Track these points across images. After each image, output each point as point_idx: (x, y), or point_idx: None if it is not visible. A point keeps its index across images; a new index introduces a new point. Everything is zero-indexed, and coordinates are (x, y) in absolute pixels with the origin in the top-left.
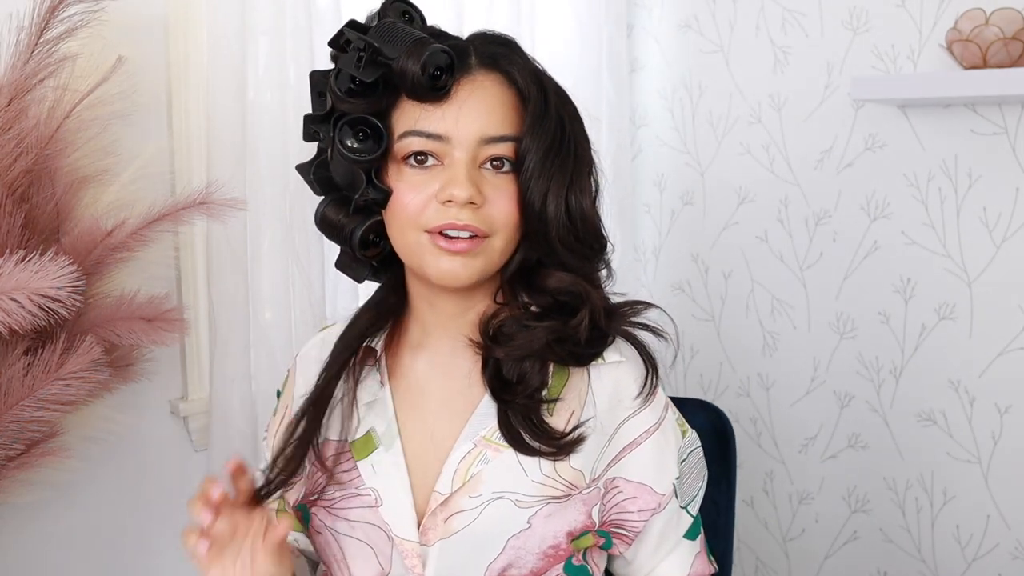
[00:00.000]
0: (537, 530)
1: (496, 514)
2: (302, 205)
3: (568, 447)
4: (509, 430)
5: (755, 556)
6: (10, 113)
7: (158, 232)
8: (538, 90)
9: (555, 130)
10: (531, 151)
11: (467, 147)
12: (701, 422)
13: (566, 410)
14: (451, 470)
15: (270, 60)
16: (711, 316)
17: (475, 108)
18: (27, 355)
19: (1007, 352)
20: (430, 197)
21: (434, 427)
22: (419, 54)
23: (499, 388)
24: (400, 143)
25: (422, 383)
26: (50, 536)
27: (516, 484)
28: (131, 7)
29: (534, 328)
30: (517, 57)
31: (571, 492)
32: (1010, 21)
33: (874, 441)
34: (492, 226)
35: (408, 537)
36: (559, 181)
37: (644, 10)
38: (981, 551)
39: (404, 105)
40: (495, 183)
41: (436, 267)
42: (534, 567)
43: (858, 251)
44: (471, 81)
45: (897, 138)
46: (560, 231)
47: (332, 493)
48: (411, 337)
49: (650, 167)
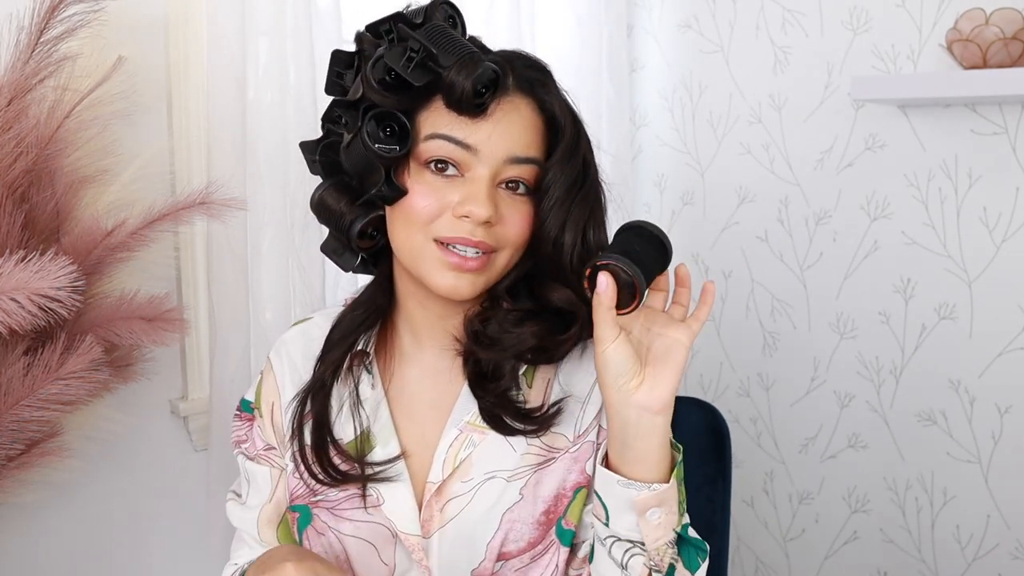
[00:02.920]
0: (528, 500)
1: (489, 493)
2: (302, 204)
3: (548, 421)
4: (490, 415)
5: (755, 556)
6: (10, 113)
7: (158, 232)
8: (572, 124)
9: (581, 164)
10: (557, 181)
11: (493, 164)
12: (697, 421)
13: (541, 381)
14: (441, 458)
15: (270, 60)
16: (711, 316)
17: (508, 127)
18: (27, 355)
19: (1007, 352)
20: (446, 206)
21: (424, 425)
22: (471, 69)
23: (475, 382)
24: (426, 145)
25: (413, 388)
26: (50, 536)
27: (505, 461)
28: (131, 7)
29: (516, 333)
30: (552, 85)
31: (554, 455)
32: (1010, 21)
33: (874, 441)
34: (500, 243)
35: (412, 531)
36: (579, 214)
37: (644, 10)
38: (981, 551)
39: (435, 107)
40: (510, 203)
41: (440, 279)
42: (531, 537)
43: (858, 251)
44: (508, 101)
45: (897, 138)
46: (573, 259)
47: (336, 494)
48: (402, 344)
49: (650, 167)
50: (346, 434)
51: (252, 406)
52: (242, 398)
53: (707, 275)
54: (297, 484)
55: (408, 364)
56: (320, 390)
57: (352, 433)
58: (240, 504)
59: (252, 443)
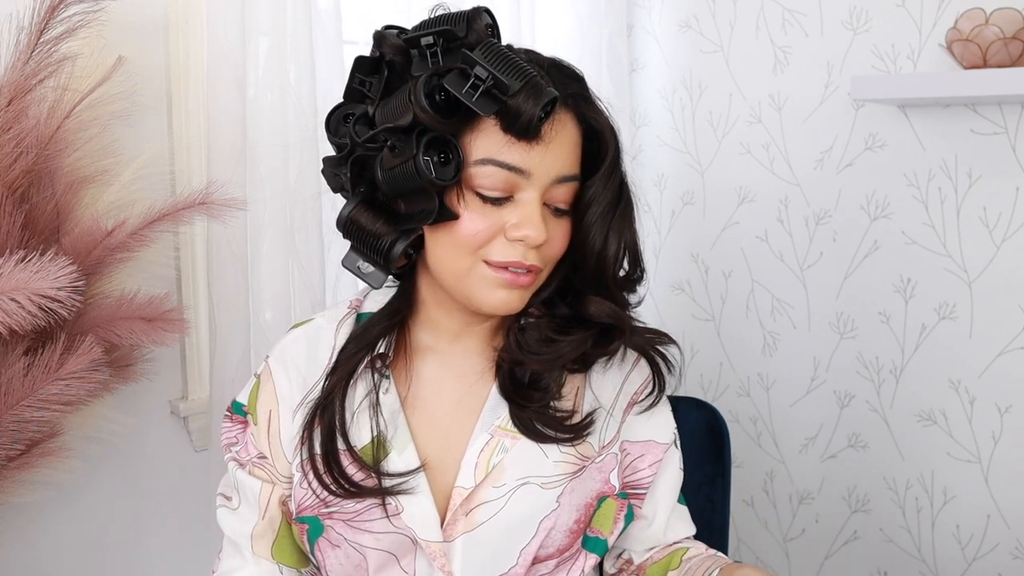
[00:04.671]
0: (565, 508)
1: (525, 500)
2: (302, 205)
3: (582, 430)
4: (523, 422)
5: (755, 556)
6: (10, 113)
7: (158, 232)
8: (614, 138)
9: (621, 178)
10: (599, 197)
11: (543, 185)
12: (696, 420)
13: (571, 387)
14: (471, 463)
15: (270, 60)
16: (711, 316)
17: (558, 148)
18: (27, 355)
19: (1007, 352)
20: (498, 230)
21: (448, 427)
22: (538, 97)
23: (512, 390)
24: (477, 169)
25: (433, 385)
26: (50, 536)
27: (539, 467)
28: (131, 7)
29: (560, 342)
30: (591, 97)
31: (585, 463)
32: (1010, 21)
33: (874, 441)
34: (546, 262)
35: (433, 538)
36: (620, 224)
37: (644, 10)
38: (981, 551)
39: (484, 128)
40: (554, 222)
41: (492, 297)
42: (561, 544)
43: (858, 251)
44: (557, 120)
45: (897, 138)
46: (616, 270)
47: (353, 505)
48: (419, 340)
49: (650, 167)
50: (361, 439)
51: (245, 410)
52: (234, 400)
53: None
54: (305, 495)
55: (427, 364)
56: (334, 397)
57: (368, 436)
58: (231, 511)
59: (245, 448)
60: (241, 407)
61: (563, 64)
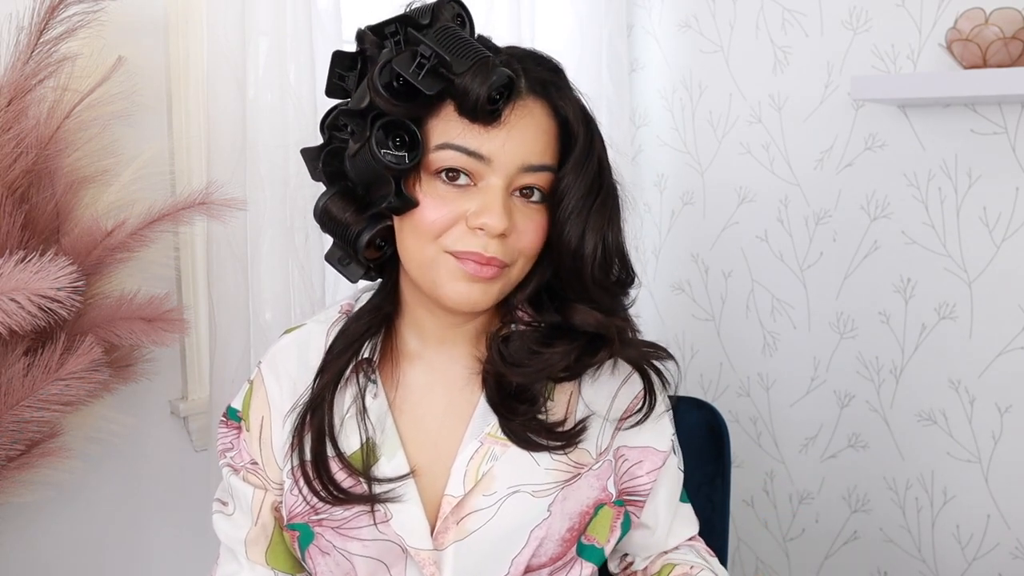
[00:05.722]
0: (557, 517)
1: (516, 508)
2: (302, 205)
3: (573, 438)
4: (513, 431)
5: (755, 556)
6: (10, 113)
7: (158, 232)
8: (586, 128)
9: (596, 168)
10: (572, 189)
11: (507, 173)
12: (696, 420)
13: (562, 394)
14: (461, 471)
15: (270, 60)
16: (711, 316)
17: (521, 134)
18: (27, 355)
19: (1007, 352)
20: (458, 217)
21: (437, 434)
22: (486, 76)
23: (499, 401)
24: (436, 154)
25: (421, 391)
26: (50, 536)
27: (530, 476)
28: (131, 7)
29: (545, 354)
30: (565, 87)
31: (579, 471)
32: (1010, 21)
33: (874, 441)
34: (514, 256)
35: (423, 546)
36: (597, 221)
37: (644, 10)
38: (981, 551)
39: (445, 114)
40: (525, 212)
41: (452, 289)
42: (554, 553)
43: (858, 251)
44: (521, 106)
45: (897, 138)
46: (595, 270)
47: (341, 512)
48: (406, 345)
49: (650, 167)
50: (351, 445)
51: (239, 415)
52: (229, 405)
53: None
54: (296, 501)
55: (415, 369)
56: (322, 403)
57: (358, 443)
58: (226, 516)
59: (239, 453)
60: (236, 413)
61: (540, 55)
